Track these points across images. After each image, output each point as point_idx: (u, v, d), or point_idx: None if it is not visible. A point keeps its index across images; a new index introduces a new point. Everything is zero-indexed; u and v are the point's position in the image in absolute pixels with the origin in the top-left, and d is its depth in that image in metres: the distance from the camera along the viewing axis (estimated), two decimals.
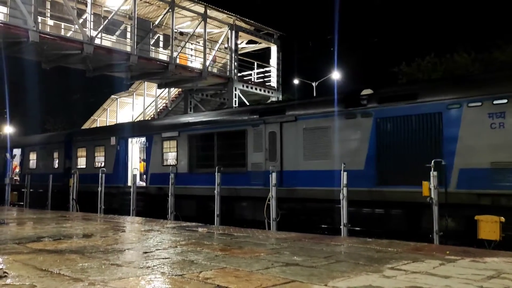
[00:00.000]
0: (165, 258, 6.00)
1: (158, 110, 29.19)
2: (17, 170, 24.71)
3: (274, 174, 11.47)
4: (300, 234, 9.33)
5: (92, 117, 33.02)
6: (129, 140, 18.01)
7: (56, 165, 21.06)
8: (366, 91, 11.54)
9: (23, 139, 26.77)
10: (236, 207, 13.72)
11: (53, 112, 53.86)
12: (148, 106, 29.90)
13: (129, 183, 17.19)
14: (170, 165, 15.60)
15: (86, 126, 32.45)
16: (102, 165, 18.37)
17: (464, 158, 9.70)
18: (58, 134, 24.83)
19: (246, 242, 7.82)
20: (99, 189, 16.20)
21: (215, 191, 12.46)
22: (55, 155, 21.25)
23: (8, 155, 21.95)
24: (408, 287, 4.39)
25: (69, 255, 6.18)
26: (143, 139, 17.61)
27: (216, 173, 12.63)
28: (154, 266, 5.44)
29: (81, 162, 19.82)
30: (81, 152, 19.89)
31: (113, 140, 18.13)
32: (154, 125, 17.83)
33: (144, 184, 17.19)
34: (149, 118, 28.22)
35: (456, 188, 9.69)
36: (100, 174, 16.39)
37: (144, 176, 17.38)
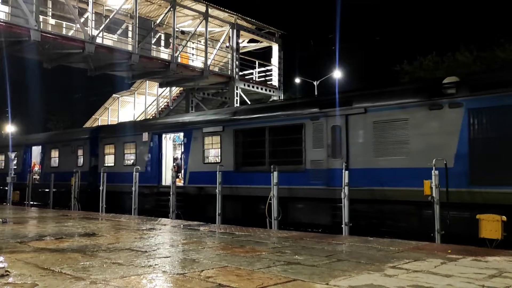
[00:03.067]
0: (167, 257, 6.00)
1: (160, 109, 29.22)
2: (37, 168, 23.77)
3: (275, 173, 11.41)
4: (301, 233, 9.33)
5: (93, 116, 33.08)
6: (163, 136, 16.87)
7: (80, 163, 19.88)
8: (451, 79, 10.43)
9: (44, 136, 25.52)
10: (291, 209, 12.42)
11: (55, 111, 53.98)
12: (149, 105, 29.94)
13: (164, 182, 16.42)
14: (212, 162, 14.46)
15: (87, 125, 32.49)
16: (133, 162, 17.28)
17: None
18: (83, 130, 23.46)
19: (247, 241, 7.83)
20: (101, 188, 16.13)
21: (217, 190, 12.44)
22: (80, 152, 20.11)
23: (10, 154, 21.83)
24: (409, 286, 4.39)
25: (71, 253, 6.19)
26: (180, 134, 16.48)
27: (217, 172, 12.58)
28: (155, 265, 5.45)
29: (109, 160, 18.55)
30: (109, 149, 18.72)
31: (145, 136, 16.98)
32: (194, 119, 16.36)
33: (181, 183, 15.88)
34: (155, 115, 27.92)
35: None
36: (102, 173, 16.33)
37: (181, 174, 16.29)
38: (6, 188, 20.50)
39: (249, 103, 24.77)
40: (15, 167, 23.70)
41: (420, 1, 55.60)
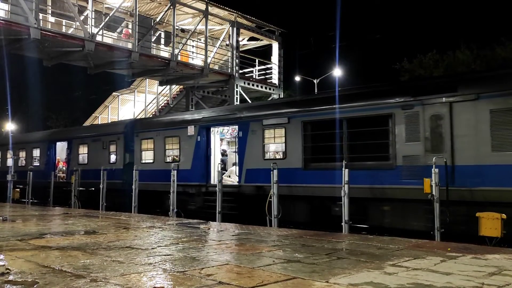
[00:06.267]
0: (167, 255, 6.01)
1: (160, 107, 29.24)
2: (61, 165, 22.80)
3: (275, 171, 11.38)
4: (301, 231, 9.34)
5: (93, 114, 33.09)
6: (211, 129, 15.56)
7: (113, 160, 18.70)
8: None
9: (70, 131, 24.36)
10: (373, 211, 11.13)
11: (55, 109, 54.08)
12: (149, 103, 29.95)
13: (213, 181, 15.08)
14: (272, 158, 13.15)
15: (88, 123, 32.49)
16: (176, 159, 15.98)
17: None
18: (116, 124, 21.92)
19: (248, 239, 7.84)
20: (101, 186, 16.08)
21: (217, 188, 12.44)
22: (112, 148, 18.80)
23: (10, 152, 21.79)
24: (409, 284, 4.39)
25: (71, 251, 6.19)
26: (234, 128, 15.20)
27: (217, 171, 12.54)
28: (155, 262, 5.45)
29: (147, 156, 17.20)
30: (147, 145, 17.29)
31: (191, 130, 15.59)
32: (253, 110, 14.69)
33: (235, 181, 14.75)
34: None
35: None
36: (101, 171, 16.24)
37: (235, 171, 15.15)
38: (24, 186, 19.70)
39: (249, 101, 24.74)
40: (38, 164, 22.89)
41: None
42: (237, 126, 14.63)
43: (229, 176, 15.99)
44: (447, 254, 6.22)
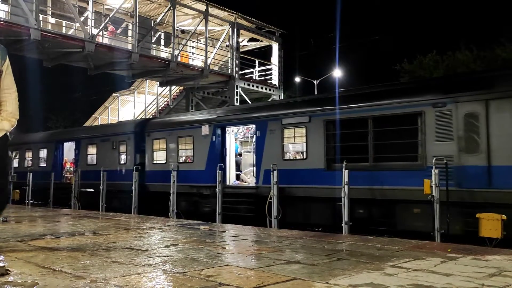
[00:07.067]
0: (167, 256, 6.00)
1: (160, 108, 29.26)
2: (68, 166, 22.55)
3: (275, 172, 11.39)
4: (301, 232, 9.33)
5: (94, 115, 33.12)
6: (227, 129, 15.32)
7: (123, 161, 18.41)
8: None
9: (78, 131, 24.06)
10: (401, 214, 10.67)
11: (55, 110, 54.03)
12: (149, 104, 29.98)
13: (229, 182, 15.09)
14: (292, 159, 12.89)
15: (87, 124, 32.51)
16: (190, 159, 15.74)
17: None
18: (126, 124, 21.59)
19: (248, 240, 7.83)
20: (101, 187, 16.13)
21: (217, 189, 12.47)
22: (122, 148, 18.58)
23: (10, 153, 21.74)
24: (409, 285, 4.39)
25: (71, 252, 6.19)
26: (248, 127, 14.97)
27: (217, 172, 12.58)
28: (155, 264, 5.45)
29: (159, 157, 17.04)
30: (159, 145, 17.12)
31: (205, 129, 15.32)
32: (271, 109, 14.38)
33: (252, 183, 14.37)
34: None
35: None
36: (101, 172, 16.29)
37: (252, 174, 14.77)
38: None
39: (249, 102, 24.76)
40: (45, 165, 22.70)
41: (420, 0, 55.59)
42: (254, 126, 14.30)
43: (248, 177, 15.78)
44: (447, 255, 6.22)
